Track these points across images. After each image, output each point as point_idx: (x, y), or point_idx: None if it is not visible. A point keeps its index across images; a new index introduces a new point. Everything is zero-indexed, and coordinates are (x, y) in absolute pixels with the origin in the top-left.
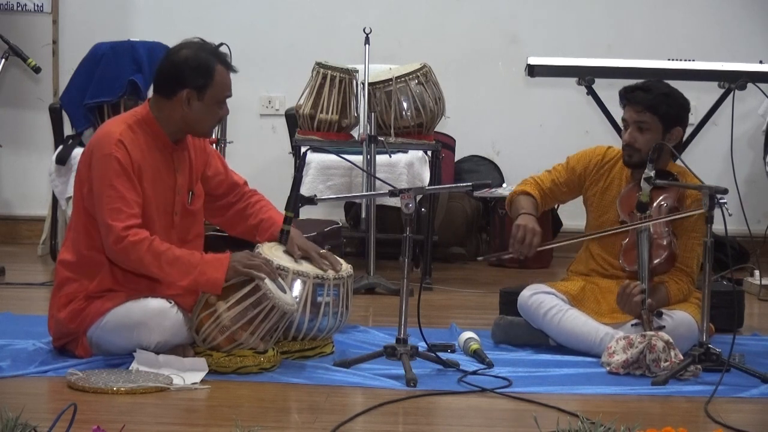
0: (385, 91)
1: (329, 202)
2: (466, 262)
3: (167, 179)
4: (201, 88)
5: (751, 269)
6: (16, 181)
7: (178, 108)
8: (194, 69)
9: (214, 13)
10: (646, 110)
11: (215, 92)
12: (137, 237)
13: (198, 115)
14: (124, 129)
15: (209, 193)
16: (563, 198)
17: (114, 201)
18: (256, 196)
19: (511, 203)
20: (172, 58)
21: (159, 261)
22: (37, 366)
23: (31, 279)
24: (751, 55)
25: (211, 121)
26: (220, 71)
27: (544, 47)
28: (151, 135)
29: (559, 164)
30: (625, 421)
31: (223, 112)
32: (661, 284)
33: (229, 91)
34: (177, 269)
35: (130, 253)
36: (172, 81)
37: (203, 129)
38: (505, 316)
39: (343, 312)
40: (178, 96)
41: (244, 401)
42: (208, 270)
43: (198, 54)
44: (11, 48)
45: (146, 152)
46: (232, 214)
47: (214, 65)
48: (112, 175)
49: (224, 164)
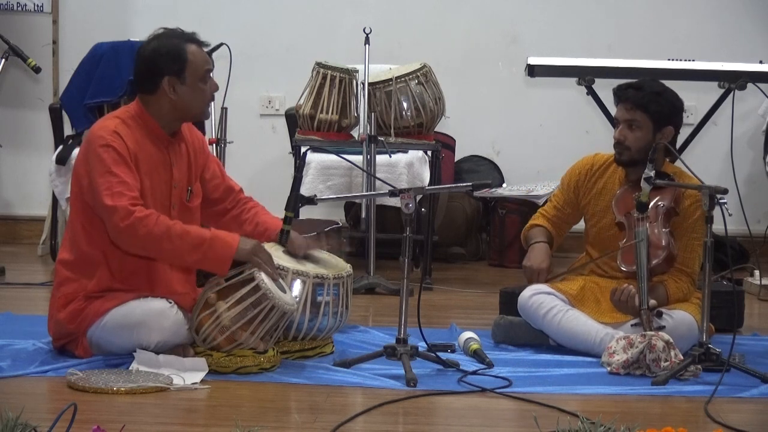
0: (385, 91)
1: (329, 202)
2: (466, 262)
3: (163, 173)
4: (179, 71)
5: (751, 269)
6: (16, 181)
7: (165, 98)
8: (166, 56)
9: (214, 13)
10: (637, 108)
11: (194, 70)
12: (144, 213)
13: (186, 98)
14: (118, 123)
15: (206, 196)
16: (571, 219)
17: (114, 185)
18: (251, 203)
19: (525, 239)
20: (143, 54)
21: (169, 233)
22: (37, 366)
23: (31, 279)
24: (751, 55)
25: (201, 100)
26: (192, 49)
27: (544, 47)
28: (145, 129)
29: (556, 190)
30: (625, 421)
31: (211, 88)
32: (659, 283)
33: (209, 64)
34: (186, 242)
35: (138, 228)
36: (150, 75)
37: (197, 111)
38: (505, 316)
39: (343, 312)
40: (161, 87)
41: (244, 401)
42: (218, 246)
43: (166, 42)
44: (11, 48)
45: (141, 145)
46: (227, 220)
47: (185, 46)
48: (111, 163)
49: (221, 169)
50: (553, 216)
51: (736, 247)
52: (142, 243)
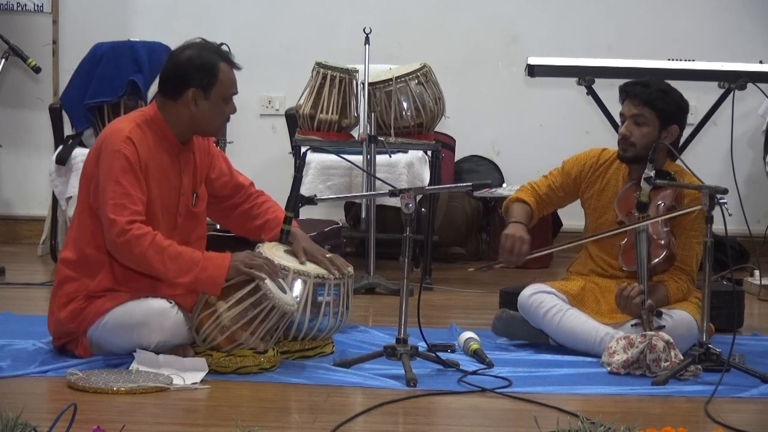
0: (385, 91)
1: (329, 202)
2: (466, 262)
3: (173, 180)
4: (206, 86)
5: (751, 269)
6: (16, 181)
7: (185, 108)
8: (198, 68)
9: (214, 13)
10: (644, 104)
11: (221, 89)
12: (140, 231)
13: (206, 113)
14: (133, 127)
15: (215, 194)
16: (561, 203)
17: (118, 197)
18: (262, 197)
19: (506, 210)
20: (176, 60)
21: (162, 256)
22: (37, 366)
23: (31, 279)
24: (751, 55)
25: (219, 119)
26: (225, 69)
27: (544, 47)
28: (158, 135)
29: (555, 169)
30: (625, 421)
31: (230, 110)
32: (660, 283)
33: (235, 88)
34: (178, 265)
35: (132, 247)
36: (178, 82)
37: (212, 128)
38: (508, 310)
39: (344, 312)
40: (185, 96)
41: (244, 401)
42: (210, 268)
43: (201, 53)
44: (11, 48)
45: (153, 152)
46: (237, 214)
47: (218, 63)
48: (119, 171)
49: (229, 165)
50: (543, 194)
51: (736, 247)
52: (136, 261)
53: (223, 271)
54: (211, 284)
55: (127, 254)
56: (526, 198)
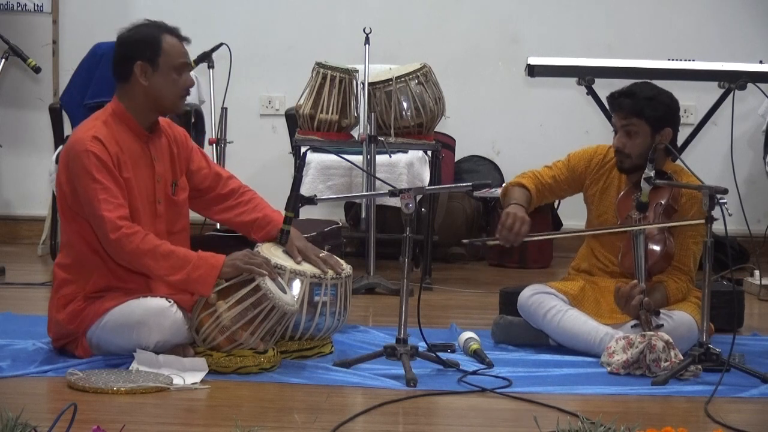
0: (385, 91)
1: (329, 202)
2: (466, 262)
3: (145, 167)
4: (152, 58)
5: (751, 269)
6: (16, 181)
7: (137, 86)
8: (140, 42)
9: (214, 13)
10: (632, 115)
11: (168, 59)
12: (132, 229)
13: (159, 86)
14: (98, 125)
15: (196, 187)
16: (562, 194)
17: (100, 192)
18: (249, 193)
19: (505, 193)
20: (119, 40)
21: (154, 252)
22: (37, 366)
23: (31, 279)
24: (751, 55)
25: (173, 91)
26: (168, 39)
27: (544, 47)
28: (124, 125)
29: (559, 161)
30: (625, 421)
31: (186, 82)
32: (659, 284)
33: (185, 58)
34: (170, 263)
35: (125, 244)
36: (123, 61)
37: (169, 102)
38: (505, 316)
39: (342, 312)
40: (134, 74)
41: (244, 401)
42: (203, 267)
43: (141, 29)
44: (11, 48)
45: (123, 144)
46: (223, 208)
47: (160, 34)
48: (93, 169)
49: (206, 157)
50: (546, 183)
51: (736, 247)
52: (129, 258)
53: (216, 271)
54: (202, 283)
55: (120, 251)
56: (527, 184)
